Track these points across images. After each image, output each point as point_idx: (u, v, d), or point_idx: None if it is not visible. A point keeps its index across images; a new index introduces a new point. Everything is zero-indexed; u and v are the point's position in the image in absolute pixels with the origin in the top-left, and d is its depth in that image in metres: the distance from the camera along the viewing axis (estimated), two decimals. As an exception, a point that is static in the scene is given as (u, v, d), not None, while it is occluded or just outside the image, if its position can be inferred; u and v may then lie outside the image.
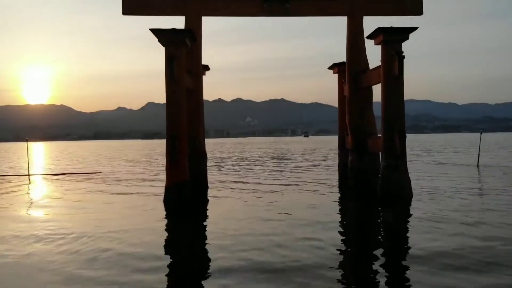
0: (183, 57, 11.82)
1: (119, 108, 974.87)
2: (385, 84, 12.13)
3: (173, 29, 11.48)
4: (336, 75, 17.70)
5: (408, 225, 8.57)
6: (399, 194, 11.83)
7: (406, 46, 12.14)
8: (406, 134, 12.17)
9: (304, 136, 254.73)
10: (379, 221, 9.50)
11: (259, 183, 16.15)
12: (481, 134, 24.71)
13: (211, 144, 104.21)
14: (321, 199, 12.30)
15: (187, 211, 11.03)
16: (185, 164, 11.72)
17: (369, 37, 12.80)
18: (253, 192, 13.86)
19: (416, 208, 10.36)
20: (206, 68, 17.15)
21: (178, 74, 11.52)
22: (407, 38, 12.04)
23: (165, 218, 9.96)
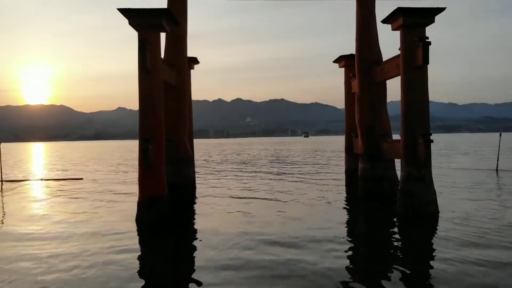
0: (159, 44, 9.68)
1: (119, 108, 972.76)
2: (406, 76, 9.99)
3: (146, 9, 9.34)
4: (343, 69, 15.58)
5: (445, 270, 6.13)
6: (423, 211, 9.69)
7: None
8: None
9: (305, 137, 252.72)
10: (402, 255, 7.32)
11: (254, 197, 13.44)
12: (500, 135, 22.54)
13: (209, 145, 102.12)
14: (326, 219, 9.94)
15: (163, 233, 8.90)
16: (161, 174, 9.59)
17: (385, 21, 10.65)
18: (247, 209, 11.24)
19: (448, 234, 8.15)
20: (194, 61, 15.04)
21: (153, 64, 9.37)
22: (433, 21, 9.89)
23: (131, 248, 7.74)
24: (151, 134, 9.33)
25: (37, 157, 54.69)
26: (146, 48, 9.13)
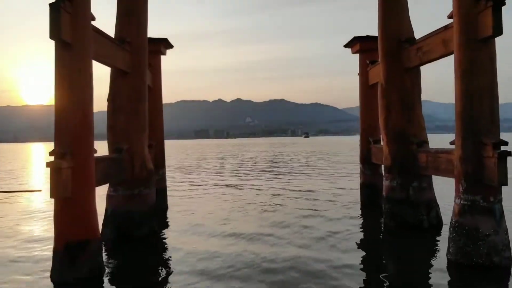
0: (87, 4, 6.27)
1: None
2: (465, 55, 6.58)
3: None
4: (357, 55, 12.21)
5: None
6: (489, 259, 6.29)
7: None
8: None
9: (305, 137, 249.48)
10: None
11: (239, 234, 8.79)
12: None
13: (208, 146, 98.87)
14: (341, 267, 6.47)
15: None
16: (89, 207, 6.19)
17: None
18: (224, 260, 6.98)
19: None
20: (165, 43, 11.67)
21: (74, 32, 5.97)
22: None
23: None
24: (70, 145, 5.93)
25: (18, 160, 51.27)
26: (60, 7, 5.73)
